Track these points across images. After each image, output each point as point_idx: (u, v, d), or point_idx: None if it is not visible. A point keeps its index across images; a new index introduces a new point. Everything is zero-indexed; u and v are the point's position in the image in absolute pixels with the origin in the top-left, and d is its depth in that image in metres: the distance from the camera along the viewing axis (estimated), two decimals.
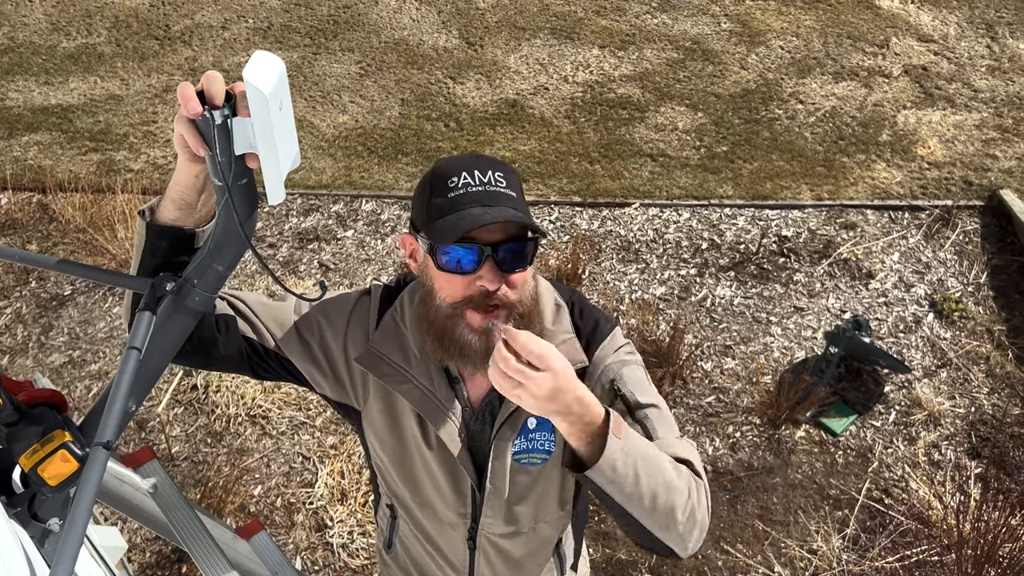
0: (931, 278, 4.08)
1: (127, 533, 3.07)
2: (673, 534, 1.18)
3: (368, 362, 1.37)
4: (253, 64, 0.99)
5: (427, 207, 1.25)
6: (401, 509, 1.56)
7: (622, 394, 1.33)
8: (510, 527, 1.48)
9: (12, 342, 3.89)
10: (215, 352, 1.34)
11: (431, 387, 1.36)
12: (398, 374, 1.36)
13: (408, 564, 1.67)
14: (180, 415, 3.54)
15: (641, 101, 5.27)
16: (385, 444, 1.45)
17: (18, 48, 5.97)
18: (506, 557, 1.53)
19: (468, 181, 1.22)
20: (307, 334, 1.40)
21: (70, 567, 0.79)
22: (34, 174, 4.84)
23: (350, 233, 4.44)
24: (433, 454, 1.40)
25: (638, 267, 4.19)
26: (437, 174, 1.25)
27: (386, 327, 1.38)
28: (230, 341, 1.35)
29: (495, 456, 1.38)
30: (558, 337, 1.36)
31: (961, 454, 3.35)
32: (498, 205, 1.21)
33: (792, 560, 3.03)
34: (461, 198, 1.21)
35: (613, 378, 1.34)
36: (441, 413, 1.36)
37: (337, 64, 5.70)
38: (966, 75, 5.37)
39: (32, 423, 1.03)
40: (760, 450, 3.38)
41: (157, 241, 1.19)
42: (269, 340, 1.38)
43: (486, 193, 1.22)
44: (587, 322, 1.40)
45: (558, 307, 1.39)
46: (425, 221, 1.25)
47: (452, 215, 1.21)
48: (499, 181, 1.23)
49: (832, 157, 4.80)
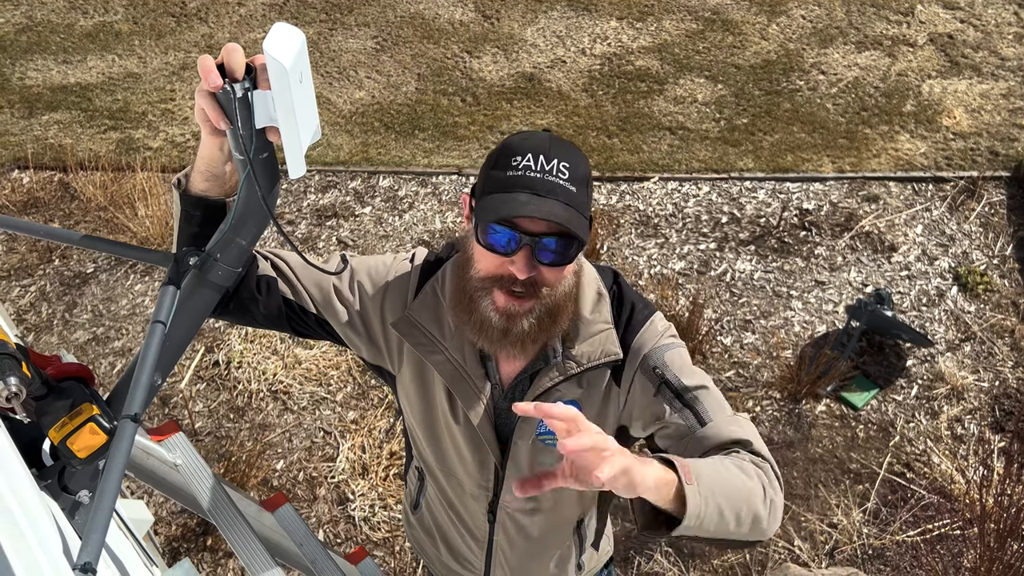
0: (955, 251, 4.02)
1: (152, 507, 3.12)
2: (758, 531, 1.16)
3: (404, 329, 1.38)
4: (273, 36, 0.98)
5: (486, 177, 1.24)
6: (428, 474, 1.59)
7: (666, 380, 1.31)
8: (530, 504, 1.48)
9: (37, 319, 3.94)
10: (255, 311, 1.36)
11: (462, 362, 1.37)
12: (432, 344, 1.37)
13: (432, 527, 1.70)
14: (203, 391, 3.57)
15: (660, 73, 5.21)
16: (415, 410, 1.46)
17: (36, 27, 5.99)
18: (525, 533, 1.54)
19: (529, 164, 1.19)
20: (346, 297, 1.41)
21: (101, 537, 0.80)
22: (55, 153, 4.87)
23: (368, 210, 4.44)
24: (459, 428, 1.41)
25: (657, 242, 4.16)
26: (506, 147, 1.23)
27: (425, 296, 1.39)
28: (270, 302, 1.37)
29: (519, 435, 1.39)
30: (594, 327, 1.34)
31: (984, 428, 3.33)
32: (550, 198, 1.18)
33: (812, 534, 3.03)
34: (517, 180, 1.19)
35: (655, 365, 1.32)
36: (470, 389, 1.37)
37: (353, 39, 5.67)
38: (993, 43, 5.26)
39: (60, 396, 1.05)
40: (780, 424, 3.37)
41: (191, 210, 1.21)
42: (308, 302, 1.40)
43: (543, 182, 1.18)
44: (624, 310, 1.38)
45: (599, 296, 1.37)
46: (480, 191, 1.24)
47: (501, 195, 1.19)
48: (562, 172, 1.19)
49: (854, 128, 4.72)
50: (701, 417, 1.27)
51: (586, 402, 1.37)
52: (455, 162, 4.68)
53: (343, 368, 3.62)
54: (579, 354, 1.33)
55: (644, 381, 1.33)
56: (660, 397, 1.31)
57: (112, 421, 1.06)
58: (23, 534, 0.69)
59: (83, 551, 0.77)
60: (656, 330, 1.36)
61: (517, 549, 1.57)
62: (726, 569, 2.93)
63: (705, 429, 1.26)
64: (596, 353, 1.33)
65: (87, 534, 0.80)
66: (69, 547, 0.83)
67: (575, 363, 1.33)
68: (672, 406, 1.29)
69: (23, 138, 5.00)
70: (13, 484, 0.80)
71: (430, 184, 4.57)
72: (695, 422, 1.27)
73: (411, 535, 1.81)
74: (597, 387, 1.36)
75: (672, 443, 1.29)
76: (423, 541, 1.75)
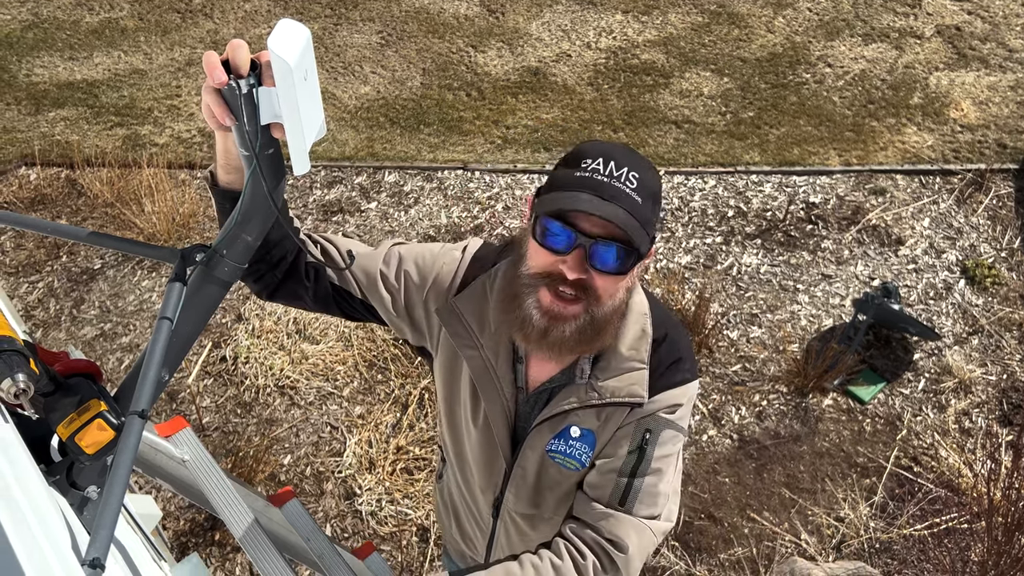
0: (963, 244, 4.01)
1: (161, 502, 3.13)
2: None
3: (446, 317, 1.39)
4: (278, 33, 0.98)
5: (553, 176, 1.23)
6: (446, 455, 1.64)
7: (643, 449, 1.31)
8: (531, 510, 1.49)
9: (45, 315, 3.95)
10: (306, 296, 1.41)
11: (494, 361, 1.36)
12: (469, 338, 1.37)
13: (448, 501, 1.75)
14: (210, 386, 3.59)
15: (665, 67, 5.19)
16: (441, 396, 1.49)
17: (42, 24, 6.00)
18: (524, 536, 1.56)
19: (598, 167, 1.17)
20: (392, 284, 1.42)
21: (109, 533, 0.81)
22: (61, 149, 4.89)
23: (373, 205, 4.44)
24: (477, 424, 1.43)
25: (663, 236, 4.16)
26: (580, 150, 1.21)
27: (474, 290, 1.39)
28: (319, 287, 1.41)
29: (529, 444, 1.39)
30: (627, 364, 1.31)
31: (992, 421, 3.31)
32: (613, 202, 1.14)
33: (819, 528, 3.02)
34: (582, 180, 1.17)
35: (651, 429, 1.31)
36: (495, 388, 1.37)
37: (358, 34, 5.66)
38: (1001, 35, 5.23)
39: (68, 393, 1.05)
40: (787, 418, 3.36)
41: (222, 201, 1.24)
42: (354, 287, 1.42)
43: (609, 186, 1.15)
44: (667, 358, 1.33)
45: (643, 334, 1.33)
46: (545, 188, 1.23)
47: (563, 192, 1.17)
48: (630, 181, 1.16)
49: (861, 121, 4.70)
50: (624, 499, 1.29)
51: (600, 434, 1.36)
52: (460, 157, 4.68)
53: (350, 363, 3.62)
54: (604, 387, 1.31)
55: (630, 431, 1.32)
56: (625, 453, 1.31)
57: (120, 417, 1.06)
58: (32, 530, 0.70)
59: (92, 546, 0.78)
60: (682, 398, 1.34)
61: (516, 549, 1.59)
62: (733, 563, 2.93)
63: (605, 508, 1.29)
64: (623, 391, 1.31)
65: (95, 530, 0.80)
66: (78, 543, 0.84)
67: (598, 394, 1.31)
68: (624, 469, 1.31)
69: (30, 135, 5.02)
70: (22, 480, 0.81)
71: (435, 179, 4.57)
72: (613, 497, 1.30)
73: (436, 501, 1.89)
74: (614, 422, 1.34)
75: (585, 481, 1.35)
76: (441, 511, 1.82)
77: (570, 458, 1.37)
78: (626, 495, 1.29)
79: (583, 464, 1.37)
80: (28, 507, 0.73)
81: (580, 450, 1.36)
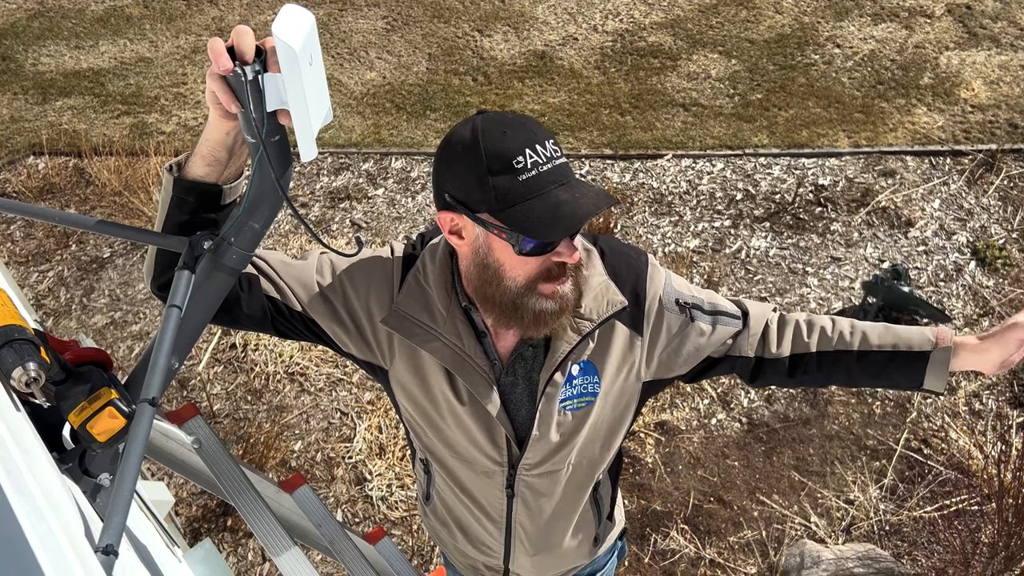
0: (973, 225, 3.98)
1: (173, 488, 3.16)
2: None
3: (395, 323, 1.36)
4: (282, 18, 0.97)
5: (489, 188, 1.16)
6: (435, 463, 1.58)
7: (693, 305, 1.41)
8: (549, 467, 1.49)
9: (56, 304, 3.98)
10: (238, 311, 1.32)
11: (460, 344, 1.36)
12: (426, 333, 1.35)
13: (446, 516, 1.69)
14: (220, 373, 3.60)
15: (673, 49, 5.15)
16: (415, 401, 1.45)
17: (48, 12, 5.99)
18: (544, 501, 1.54)
19: (536, 160, 1.16)
20: (331, 294, 1.38)
21: (122, 519, 0.81)
22: (69, 138, 4.90)
23: (380, 191, 4.44)
24: (465, 409, 1.41)
25: (671, 220, 4.14)
26: (491, 151, 1.16)
27: (409, 287, 1.37)
28: (253, 300, 1.33)
29: (544, 405, 1.39)
30: (592, 280, 1.36)
31: (1003, 403, 3.30)
32: (570, 181, 1.18)
33: (829, 511, 3.02)
34: (536, 180, 1.16)
35: (676, 298, 1.40)
36: (472, 368, 1.37)
37: (363, 20, 5.64)
38: (1012, 13, 5.16)
39: (79, 381, 1.05)
40: (796, 402, 3.36)
41: (184, 196, 1.18)
42: (293, 300, 1.37)
43: (557, 170, 1.17)
44: (619, 262, 1.40)
45: (588, 252, 1.38)
46: (494, 205, 1.17)
47: (535, 201, 1.16)
48: (555, 150, 1.18)
49: (870, 102, 4.66)
50: (744, 312, 1.45)
51: (602, 360, 1.38)
52: None
53: None
54: (587, 310, 1.34)
55: (672, 317, 1.39)
56: (699, 322, 1.41)
57: (131, 405, 1.07)
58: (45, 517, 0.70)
59: (105, 533, 0.78)
60: (657, 272, 1.42)
61: (536, 523, 1.57)
62: (743, 546, 2.94)
63: (742, 326, 1.44)
64: (603, 306, 1.35)
65: (108, 516, 0.81)
66: (91, 529, 0.85)
67: (587, 320, 1.34)
68: (720, 322, 1.42)
69: (37, 124, 5.03)
70: (34, 468, 0.81)
71: None
72: (740, 321, 1.44)
73: (427, 524, 1.81)
74: (613, 341, 1.38)
75: (731, 350, 1.45)
76: (439, 530, 1.75)
77: (581, 397, 1.40)
78: (741, 312, 1.45)
79: (595, 394, 1.40)
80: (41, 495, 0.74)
81: (586, 382, 1.40)
